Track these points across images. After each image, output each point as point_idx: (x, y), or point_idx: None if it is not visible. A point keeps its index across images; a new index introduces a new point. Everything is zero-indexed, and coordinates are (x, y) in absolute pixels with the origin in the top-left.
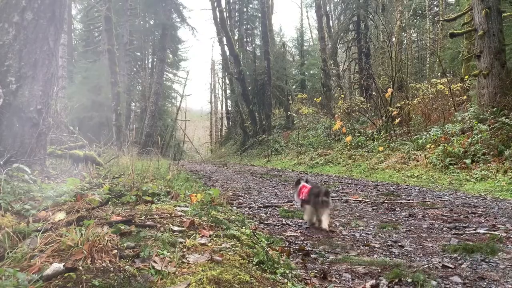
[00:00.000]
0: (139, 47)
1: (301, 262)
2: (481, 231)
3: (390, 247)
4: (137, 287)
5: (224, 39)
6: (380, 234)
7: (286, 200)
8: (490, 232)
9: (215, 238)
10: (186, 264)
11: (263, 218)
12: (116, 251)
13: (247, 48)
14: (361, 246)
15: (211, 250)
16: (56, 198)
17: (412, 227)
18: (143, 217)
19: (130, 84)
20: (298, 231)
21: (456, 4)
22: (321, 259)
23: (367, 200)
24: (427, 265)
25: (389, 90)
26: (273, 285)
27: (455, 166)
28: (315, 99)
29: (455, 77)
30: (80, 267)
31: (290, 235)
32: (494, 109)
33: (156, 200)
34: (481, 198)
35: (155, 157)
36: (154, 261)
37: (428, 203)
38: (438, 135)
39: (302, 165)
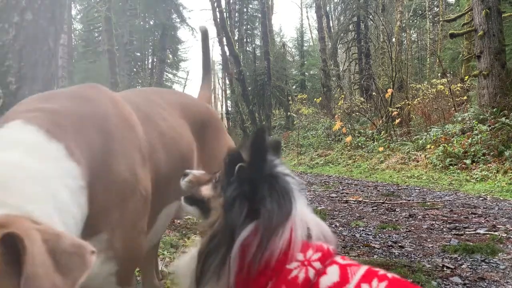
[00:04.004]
0: (139, 47)
1: None
2: (481, 231)
3: (390, 247)
4: (137, 287)
5: (224, 39)
6: (380, 234)
7: None
8: (490, 232)
9: None
10: None
11: None
12: None
13: (247, 48)
14: (361, 247)
15: None
16: None
17: (412, 228)
18: None
19: (130, 84)
20: None
21: (456, 4)
22: None
23: (367, 201)
24: (427, 266)
25: (389, 90)
26: None
27: (455, 166)
28: (315, 99)
29: (455, 77)
30: None
31: None
32: (494, 110)
33: None
34: (481, 198)
35: None
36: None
37: (428, 203)
38: (438, 136)
39: (302, 165)
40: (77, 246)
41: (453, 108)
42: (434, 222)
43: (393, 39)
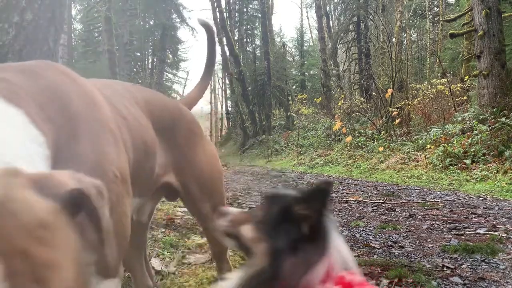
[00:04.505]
0: (139, 48)
1: None
2: (481, 231)
3: (390, 247)
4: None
5: (224, 39)
6: (380, 234)
7: None
8: (490, 232)
9: None
10: (186, 264)
11: None
12: None
13: (247, 48)
14: (361, 247)
15: None
16: None
17: (412, 228)
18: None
19: None
20: None
21: (456, 4)
22: None
23: (367, 201)
24: (427, 266)
25: (389, 90)
26: None
27: (455, 166)
28: (315, 99)
29: (455, 77)
30: None
31: None
32: (494, 110)
33: None
34: (481, 198)
35: None
36: (155, 261)
37: (428, 203)
38: (438, 136)
39: (302, 165)
40: (104, 190)
41: (453, 108)
42: (434, 222)
43: (393, 39)
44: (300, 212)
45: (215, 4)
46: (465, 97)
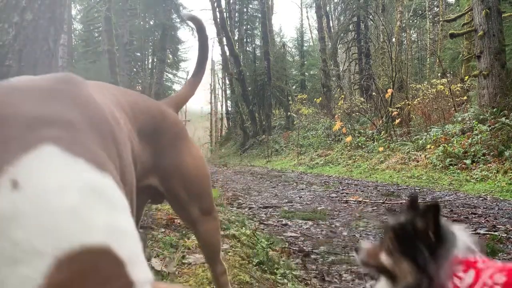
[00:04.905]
0: (139, 48)
1: (301, 263)
2: (481, 231)
3: None
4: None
5: (224, 39)
6: (380, 234)
7: (286, 200)
8: (490, 232)
9: None
10: (186, 264)
11: (263, 218)
12: None
13: (247, 48)
14: None
15: None
16: None
17: None
18: (144, 218)
19: (130, 84)
20: (298, 231)
21: (456, 4)
22: (321, 259)
23: (367, 201)
24: None
25: (389, 90)
26: (273, 286)
27: (455, 166)
28: (315, 99)
29: (455, 77)
30: None
31: (290, 236)
32: (494, 110)
33: None
34: (481, 198)
35: None
36: (155, 261)
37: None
38: (438, 136)
39: (302, 165)
40: None
41: (453, 108)
42: None
43: (393, 39)
44: (421, 225)
45: (215, 4)
46: (465, 97)
